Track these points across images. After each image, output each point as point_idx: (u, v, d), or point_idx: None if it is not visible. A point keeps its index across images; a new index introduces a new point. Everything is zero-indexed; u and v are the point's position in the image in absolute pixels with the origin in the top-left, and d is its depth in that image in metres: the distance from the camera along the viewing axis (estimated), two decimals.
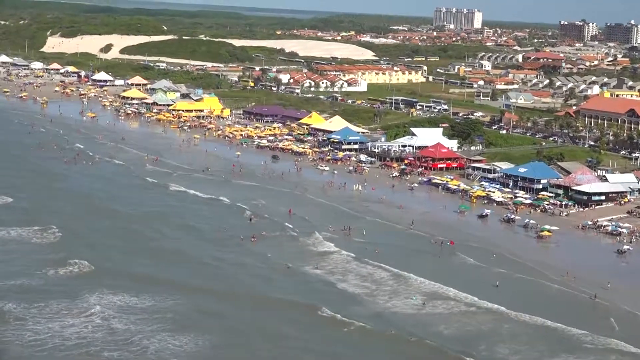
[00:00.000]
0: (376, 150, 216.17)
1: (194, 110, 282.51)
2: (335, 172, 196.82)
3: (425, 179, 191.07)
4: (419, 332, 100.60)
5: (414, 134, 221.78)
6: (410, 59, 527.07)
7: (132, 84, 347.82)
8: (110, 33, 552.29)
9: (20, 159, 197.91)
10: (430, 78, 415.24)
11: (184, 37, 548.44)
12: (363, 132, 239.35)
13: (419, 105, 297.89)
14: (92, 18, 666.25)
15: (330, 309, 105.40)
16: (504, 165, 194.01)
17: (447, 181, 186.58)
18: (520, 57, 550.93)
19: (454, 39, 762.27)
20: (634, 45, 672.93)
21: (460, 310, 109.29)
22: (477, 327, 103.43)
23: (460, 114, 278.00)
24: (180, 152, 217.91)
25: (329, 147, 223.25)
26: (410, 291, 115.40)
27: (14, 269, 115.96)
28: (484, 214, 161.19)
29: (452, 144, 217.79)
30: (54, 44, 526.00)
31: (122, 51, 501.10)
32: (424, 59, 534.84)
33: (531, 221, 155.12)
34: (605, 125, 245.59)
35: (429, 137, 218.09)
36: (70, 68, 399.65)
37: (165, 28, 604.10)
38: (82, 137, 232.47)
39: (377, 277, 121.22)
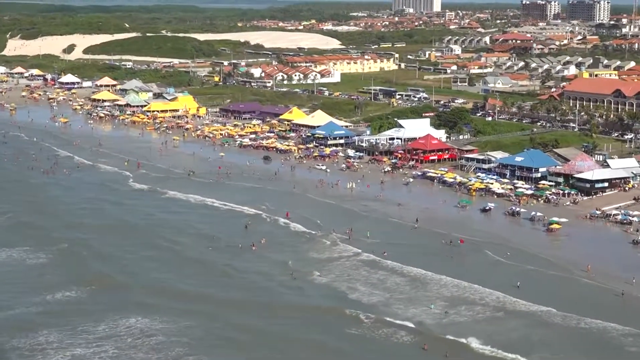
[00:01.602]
0: (363, 144, 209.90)
1: (169, 110, 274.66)
2: (328, 170, 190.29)
3: (419, 173, 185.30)
4: (449, 346, 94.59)
5: (401, 126, 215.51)
6: (377, 46, 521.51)
7: (100, 85, 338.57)
8: (72, 33, 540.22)
9: None
10: (402, 65, 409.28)
11: (147, 34, 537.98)
12: (347, 126, 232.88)
13: (398, 94, 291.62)
14: (51, 18, 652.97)
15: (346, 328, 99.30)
16: (499, 155, 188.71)
17: (442, 174, 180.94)
18: (487, 39, 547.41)
19: (416, 23, 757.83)
20: (600, 22, 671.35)
21: (487, 316, 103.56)
22: (508, 336, 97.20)
23: (442, 102, 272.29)
24: (161, 155, 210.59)
25: (314, 143, 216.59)
26: (429, 297, 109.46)
27: (9, 297, 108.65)
28: (487, 207, 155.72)
29: (440, 134, 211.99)
30: (15, 46, 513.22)
31: (86, 51, 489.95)
32: (390, 45, 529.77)
33: (538, 213, 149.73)
34: (591, 107, 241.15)
35: (416, 128, 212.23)
36: (35, 71, 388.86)
37: (127, 25, 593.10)
38: (58, 143, 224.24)
39: (391, 283, 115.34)
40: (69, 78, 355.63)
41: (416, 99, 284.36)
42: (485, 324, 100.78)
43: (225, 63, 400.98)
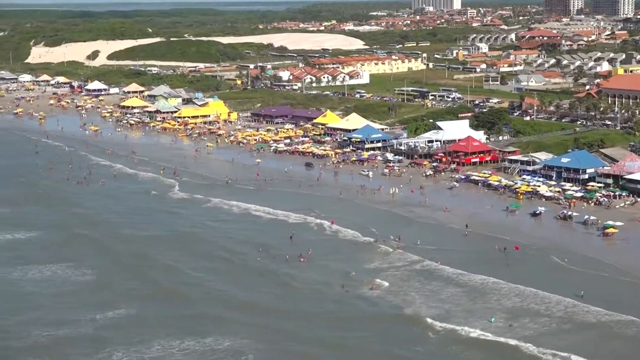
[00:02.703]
0: (402, 147, 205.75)
1: (200, 116, 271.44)
2: (371, 174, 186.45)
3: (462, 176, 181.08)
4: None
5: (439, 128, 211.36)
6: (401, 46, 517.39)
7: (128, 92, 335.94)
8: (95, 39, 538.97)
9: (32, 183, 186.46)
10: (430, 65, 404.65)
11: (172, 39, 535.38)
12: (382, 129, 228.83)
13: (431, 95, 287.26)
14: (74, 25, 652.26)
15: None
16: (543, 156, 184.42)
17: (486, 177, 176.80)
18: (512, 36, 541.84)
19: (437, 21, 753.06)
20: (626, 17, 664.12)
21: (553, 329, 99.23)
22: (583, 349, 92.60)
23: (477, 102, 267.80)
24: (196, 162, 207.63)
25: (351, 147, 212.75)
26: (489, 309, 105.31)
27: (59, 314, 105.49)
28: (537, 211, 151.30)
29: (479, 136, 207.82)
30: (39, 54, 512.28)
31: (110, 57, 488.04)
32: (415, 44, 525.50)
33: (591, 217, 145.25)
34: (631, 104, 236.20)
35: (455, 129, 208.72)
36: (61, 79, 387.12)
37: (150, 30, 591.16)
38: (91, 152, 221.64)
39: (447, 294, 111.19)
40: (96, 85, 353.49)
41: (450, 99, 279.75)
42: (554, 337, 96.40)
43: (251, 66, 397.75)
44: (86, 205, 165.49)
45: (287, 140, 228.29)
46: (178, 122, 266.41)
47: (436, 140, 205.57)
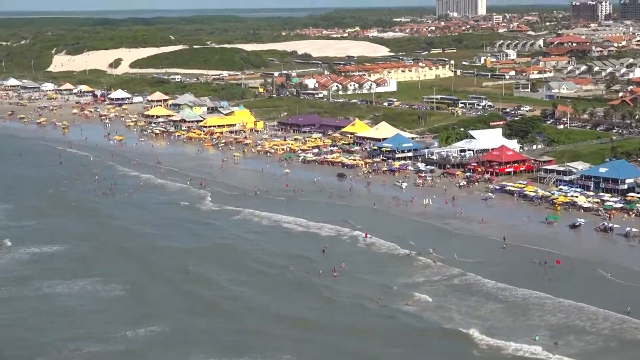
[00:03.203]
0: (434, 157, 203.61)
1: (226, 125, 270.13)
2: (405, 185, 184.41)
3: (497, 187, 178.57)
4: None
5: (471, 137, 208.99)
6: (427, 53, 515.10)
7: (152, 101, 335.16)
8: (117, 47, 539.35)
9: (58, 194, 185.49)
10: (458, 72, 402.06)
11: (194, 47, 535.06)
12: (413, 138, 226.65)
13: (461, 102, 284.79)
14: (95, 32, 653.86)
15: None
16: (579, 166, 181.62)
17: (522, 188, 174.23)
18: (540, 42, 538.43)
19: (463, 27, 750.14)
20: None
21: (600, 347, 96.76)
22: None
23: (508, 109, 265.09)
24: (224, 172, 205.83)
25: (381, 157, 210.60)
26: (532, 326, 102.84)
27: (90, 331, 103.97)
28: (576, 223, 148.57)
29: (513, 144, 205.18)
30: (61, 62, 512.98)
31: (133, 65, 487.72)
32: (440, 51, 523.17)
33: (633, 229, 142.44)
34: None
35: (488, 138, 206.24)
36: (84, 87, 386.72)
37: (172, 38, 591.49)
38: (116, 163, 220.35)
39: (487, 310, 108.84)
40: (119, 94, 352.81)
41: (480, 107, 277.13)
42: (601, 356, 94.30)
43: (276, 74, 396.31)
44: (116, 215, 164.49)
45: (316, 150, 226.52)
46: (204, 131, 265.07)
47: (469, 150, 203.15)
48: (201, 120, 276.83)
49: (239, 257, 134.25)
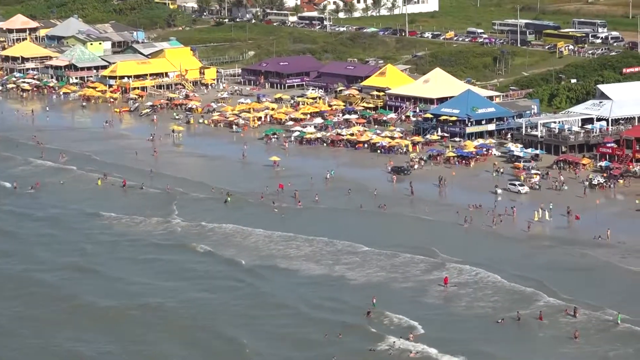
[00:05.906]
0: (537, 132, 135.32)
1: (149, 75, 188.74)
2: (523, 190, 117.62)
3: None
4: None
5: (603, 95, 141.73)
6: None
7: (10, 30, 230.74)
8: None
9: None
10: None
11: None
12: (492, 98, 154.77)
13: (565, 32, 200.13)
14: None
15: None
16: None
17: None
18: None
19: None
20: None
21: None
22: None
23: None
24: (158, 160, 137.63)
25: (439, 131, 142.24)
26: None
27: None
28: None
29: None
30: None
31: None
32: None
33: None
34: None
35: (631, 98, 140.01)
36: None
37: None
38: None
39: None
40: None
41: (599, 39, 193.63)
42: None
43: None
44: None
45: (319, 120, 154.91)
46: (111, 86, 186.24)
47: (599, 118, 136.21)
48: (106, 67, 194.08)
49: None
